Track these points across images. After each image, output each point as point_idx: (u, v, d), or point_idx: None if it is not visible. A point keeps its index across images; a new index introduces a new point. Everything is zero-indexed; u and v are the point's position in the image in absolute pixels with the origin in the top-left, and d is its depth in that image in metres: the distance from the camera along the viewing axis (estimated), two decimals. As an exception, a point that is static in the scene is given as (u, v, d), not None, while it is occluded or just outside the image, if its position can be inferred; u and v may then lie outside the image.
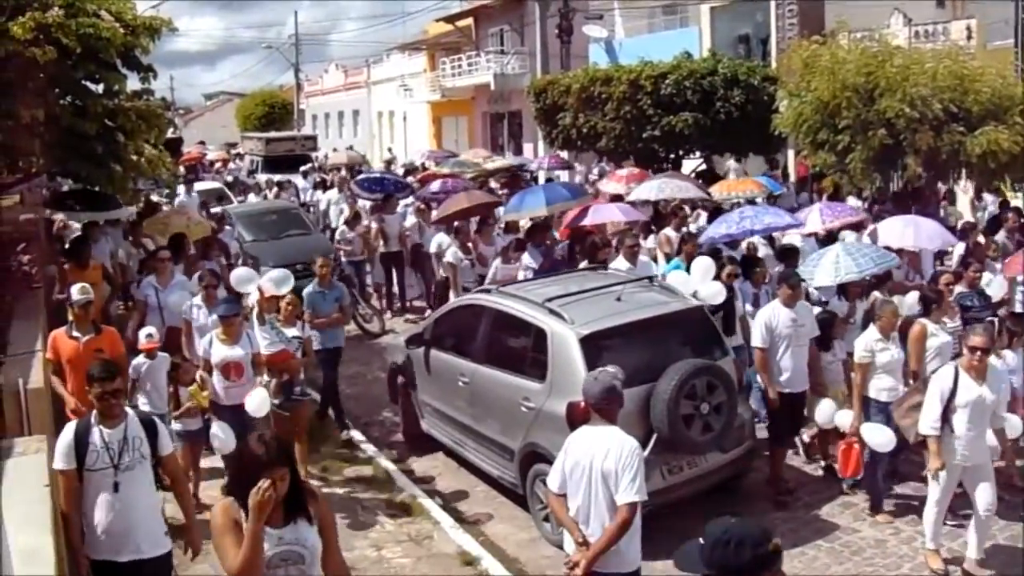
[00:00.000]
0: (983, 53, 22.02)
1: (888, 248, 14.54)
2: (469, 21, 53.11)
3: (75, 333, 11.03)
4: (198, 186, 33.89)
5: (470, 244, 18.74)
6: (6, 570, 5.82)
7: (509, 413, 11.17)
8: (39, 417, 10.16)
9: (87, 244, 16.57)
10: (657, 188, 20.36)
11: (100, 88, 14.59)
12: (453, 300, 15.00)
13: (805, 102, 19.95)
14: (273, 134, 53.91)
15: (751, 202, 19.66)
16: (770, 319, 11.57)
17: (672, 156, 27.84)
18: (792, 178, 28.53)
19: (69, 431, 7.67)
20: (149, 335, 11.79)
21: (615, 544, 6.92)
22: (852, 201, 20.89)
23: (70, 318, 11.35)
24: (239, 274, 13.24)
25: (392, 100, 62.83)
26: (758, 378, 12.01)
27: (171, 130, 21.56)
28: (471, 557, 10.45)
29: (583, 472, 7.03)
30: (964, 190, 23.25)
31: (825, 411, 11.61)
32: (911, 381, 11.02)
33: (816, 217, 16.20)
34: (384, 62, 67.20)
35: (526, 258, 16.86)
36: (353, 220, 22.15)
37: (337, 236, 22.60)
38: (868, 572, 9.97)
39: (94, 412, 7.66)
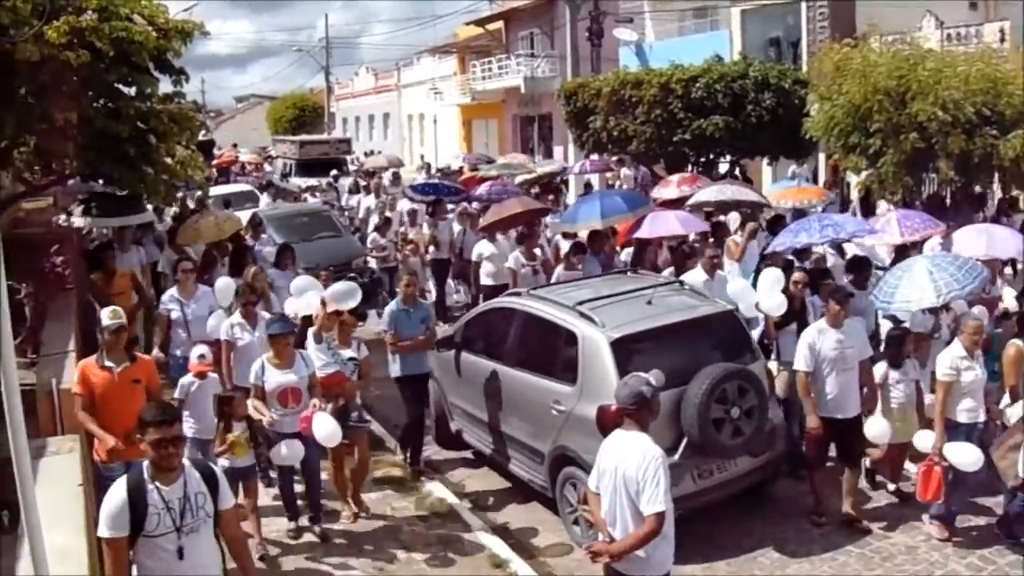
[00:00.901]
0: (1016, 55, 21.81)
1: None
2: (499, 24, 53.15)
3: (107, 362, 9.70)
4: (228, 188, 34.03)
5: (536, 251, 18.00)
6: (39, 569, 5.85)
7: (539, 416, 11.17)
8: (72, 417, 10.23)
9: (111, 250, 16.12)
10: (717, 191, 19.75)
11: (132, 91, 14.67)
12: (484, 303, 14.92)
13: (836, 105, 19.85)
14: (307, 137, 53.85)
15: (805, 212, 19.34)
16: (814, 340, 10.76)
17: (702, 159, 27.75)
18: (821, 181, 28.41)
19: (120, 491, 6.38)
20: (201, 356, 11.07)
21: (637, 549, 6.91)
22: (883, 205, 20.80)
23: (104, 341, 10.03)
24: (299, 284, 12.42)
25: (422, 103, 62.95)
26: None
27: (203, 132, 21.60)
28: (500, 560, 10.45)
29: (610, 476, 7.04)
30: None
31: (876, 428, 10.92)
32: (1008, 399, 10.57)
33: (894, 228, 15.35)
34: (414, 65, 67.39)
35: (586, 265, 16.27)
36: (384, 226, 22.13)
37: (369, 242, 22.47)
38: (897, 577, 9.93)
39: (145, 465, 6.49)
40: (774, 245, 15.08)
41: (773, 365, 12.29)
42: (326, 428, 10.34)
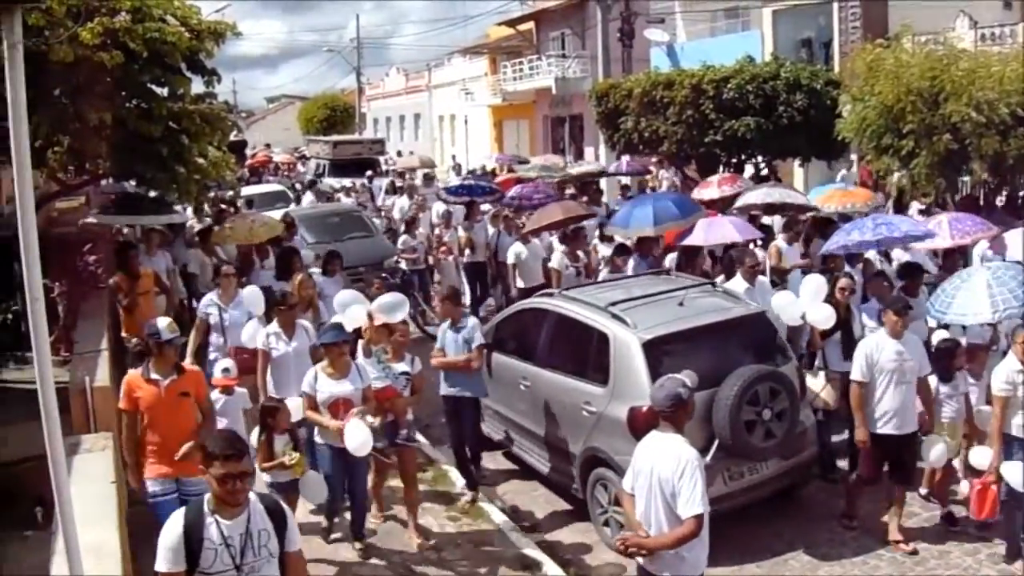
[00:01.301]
0: (1051, 56, 21.67)
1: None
2: (530, 25, 53.10)
3: (154, 375, 9.08)
4: (259, 188, 34.13)
5: (579, 252, 17.71)
6: (74, 566, 5.88)
7: (570, 417, 11.16)
8: (105, 414, 10.29)
9: (134, 249, 15.75)
10: (765, 193, 19.28)
11: (165, 91, 14.76)
12: (516, 304, 14.88)
13: (869, 106, 19.74)
14: (341, 137, 53.87)
15: (849, 216, 18.51)
16: (872, 351, 10.27)
17: (734, 160, 27.65)
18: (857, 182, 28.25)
19: (177, 524, 5.88)
20: (226, 370, 10.81)
21: (672, 548, 6.90)
22: (915, 206, 20.68)
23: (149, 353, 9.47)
24: (343, 298, 11.53)
25: (453, 104, 62.98)
26: None
27: (234, 133, 21.66)
28: (530, 561, 10.45)
29: (646, 478, 7.02)
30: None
31: (937, 451, 10.47)
32: None
33: (945, 230, 14.74)
34: (445, 66, 67.42)
35: (631, 270, 15.95)
36: (412, 226, 22.12)
37: (400, 244, 22.19)
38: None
39: (207, 498, 5.96)
40: (827, 246, 14.57)
41: (820, 375, 11.86)
42: (358, 437, 9.77)
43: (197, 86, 15.40)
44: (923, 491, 11.46)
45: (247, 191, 31.85)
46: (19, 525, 10.09)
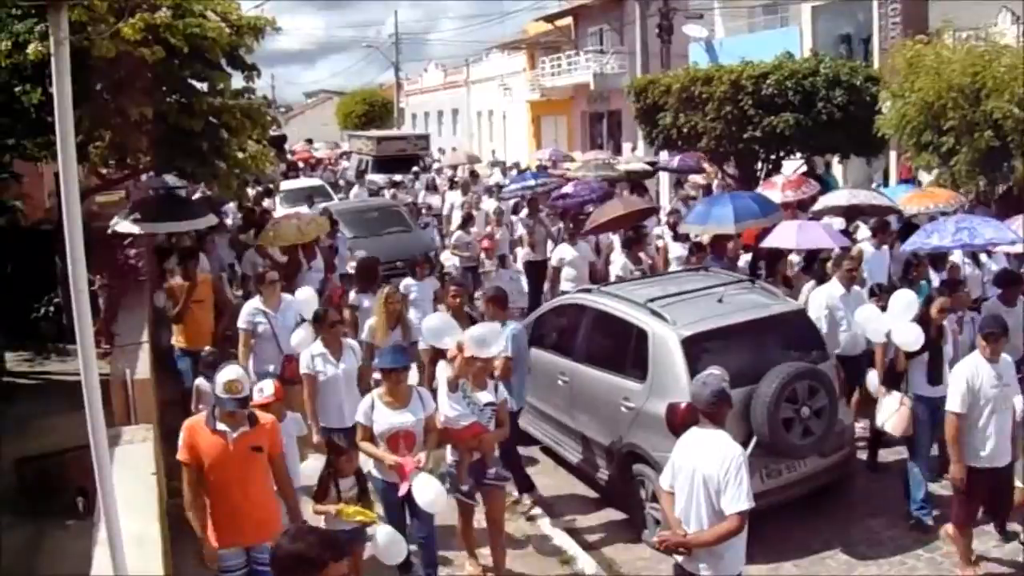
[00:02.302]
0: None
1: None
2: (568, 20, 53.02)
3: (220, 425, 7.84)
4: (297, 183, 34.16)
5: (642, 255, 16.94)
6: (116, 555, 5.94)
7: (609, 413, 11.16)
8: (145, 406, 10.38)
9: (194, 258, 14.61)
10: (850, 195, 18.56)
11: (205, 86, 14.87)
12: (553, 299, 14.88)
13: (909, 103, 19.60)
14: (384, 132, 53.61)
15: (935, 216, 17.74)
16: (972, 376, 9.24)
17: (773, 157, 27.54)
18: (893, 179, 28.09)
19: None
20: (260, 390, 9.20)
21: (714, 545, 6.91)
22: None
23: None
24: (433, 325, 10.28)
25: (491, 99, 62.98)
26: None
27: (273, 128, 21.77)
28: (567, 556, 10.46)
29: (687, 475, 7.02)
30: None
31: None
32: None
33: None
34: (483, 61, 67.38)
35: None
36: (467, 223, 21.85)
37: (453, 240, 21.92)
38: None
39: None
40: (905, 247, 14.42)
41: (894, 396, 10.87)
42: (428, 493, 8.80)
43: (237, 81, 15.53)
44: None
45: (291, 185, 31.95)
46: (61, 514, 10.21)
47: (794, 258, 16.33)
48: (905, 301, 10.98)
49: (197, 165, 15.27)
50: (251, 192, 25.51)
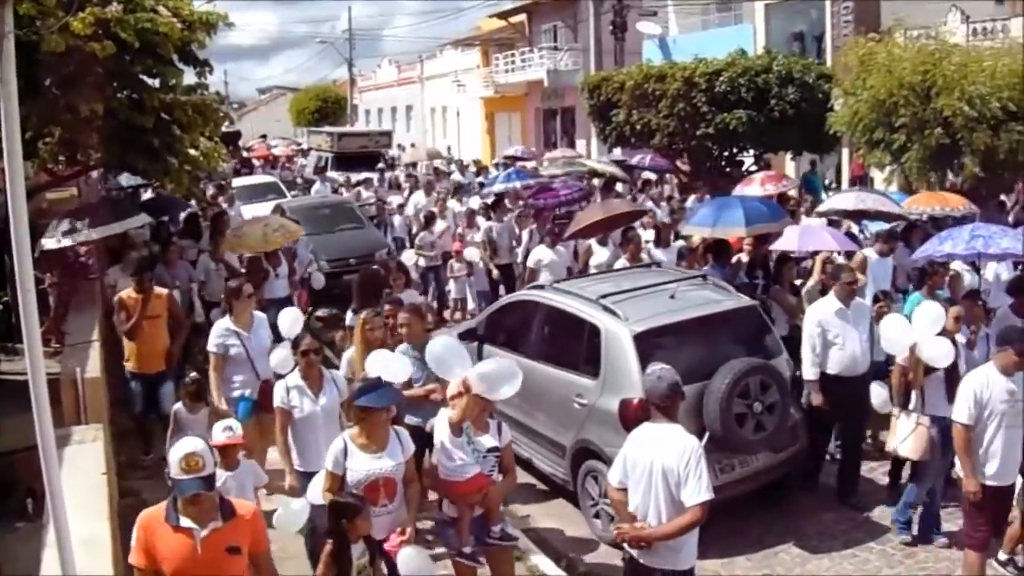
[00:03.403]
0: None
1: None
2: (522, 17, 53.11)
3: (185, 521, 6.09)
4: (249, 180, 33.84)
5: (644, 256, 15.88)
6: (65, 556, 5.88)
7: (561, 409, 11.17)
8: (96, 405, 10.28)
9: (151, 265, 14.10)
10: (857, 199, 17.30)
11: (157, 82, 14.76)
12: (505, 296, 14.85)
13: (861, 100, 19.80)
14: (345, 129, 53.10)
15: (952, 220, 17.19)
16: (981, 388, 8.77)
17: (726, 154, 27.70)
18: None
19: None
20: (228, 429, 8.46)
21: (676, 537, 6.95)
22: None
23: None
24: (438, 353, 8.25)
25: (445, 96, 63.00)
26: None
27: (226, 124, 21.54)
28: (521, 553, 10.42)
29: (644, 470, 7.02)
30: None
31: None
32: None
33: None
34: (437, 57, 67.34)
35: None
36: (430, 222, 21.28)
37: (417, 241, 21.36)
38: (919, 575, 9.88)
39: None
40: (918, 255, 13.78)
41: (911, 418, 10.23)
42: (414, 567, 7.64)
43: (189, 77, 15.41)
44: (1002, 556, 9.77)
45: (238, 183, 31.62)
46: (11, 516, 10.10)
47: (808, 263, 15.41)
48: (932, 314, 10.21)
49: (148, 162, 15.15)
50: (207, 190, 25.31)
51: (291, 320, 10.80)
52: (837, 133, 21.73)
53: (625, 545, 7.21)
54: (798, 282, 14.45)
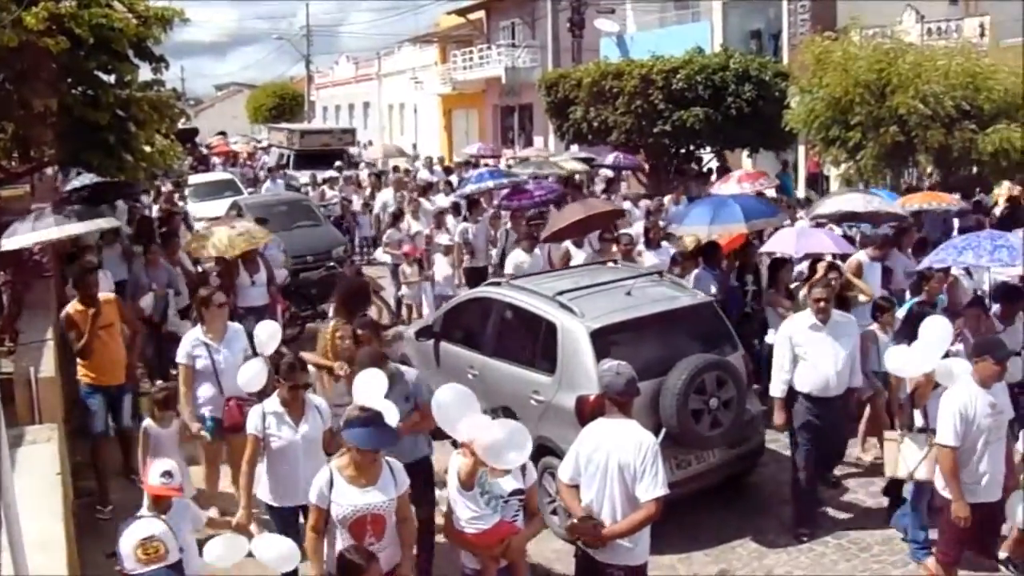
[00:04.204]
0: (996, 50, 21.99)
1: None
2: (480, 14, 53.04)
3: None
4: (206, 177, 33.58)
5: (638, 258, 15.50)
6: (18, 559, 5.83)
7: (518, 406, 11.14)
8: (50, 405, 10.20)
9: (92, 274, 12.19)
10: (864, 201, 15.93)
11: (112, 78, 14.68)
12: (464, 293, 14.82)
13: (817, 98, 19.95)
14: (307, 126, 52.63)
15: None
16: (965, 405, 8.27)
17: (683, 151, 27.82)
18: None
19: None
20: (166, 474, 7.36)
21: (632, 533, 6.98)
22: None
23: None
24: (444, 404, 7.29)
25: (403, 92, 62.82)
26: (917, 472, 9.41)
27: (182, 121, 21.37)
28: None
29: (598, 465, 7.04)
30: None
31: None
32: None
33: None
34: (395, 54, 67.15)
35: (696, 281, 13.79)
36: (398, 219, 20.65)
37: (385, 238, 20.75)
38: (875, 569, 9.93)
39: None
40: (931, 261, 12.65)
41: (919, 440, 9.48)
42: None
43: (144, 73, 15.36)
44: (1002, 555, 9.24)
45: (194, 180, 31.38)
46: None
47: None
48: (940, 331, 9.28)
49: (103, 159, 15.04)
50: (163, 187, 25.10)
51: (268, 334, 9.73)
52: (793, 130, 21.88)
53: (579, 542, 7.23)
54: (793, 286, 14.02)
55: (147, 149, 15.80)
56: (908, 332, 10.44)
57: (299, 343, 15.72)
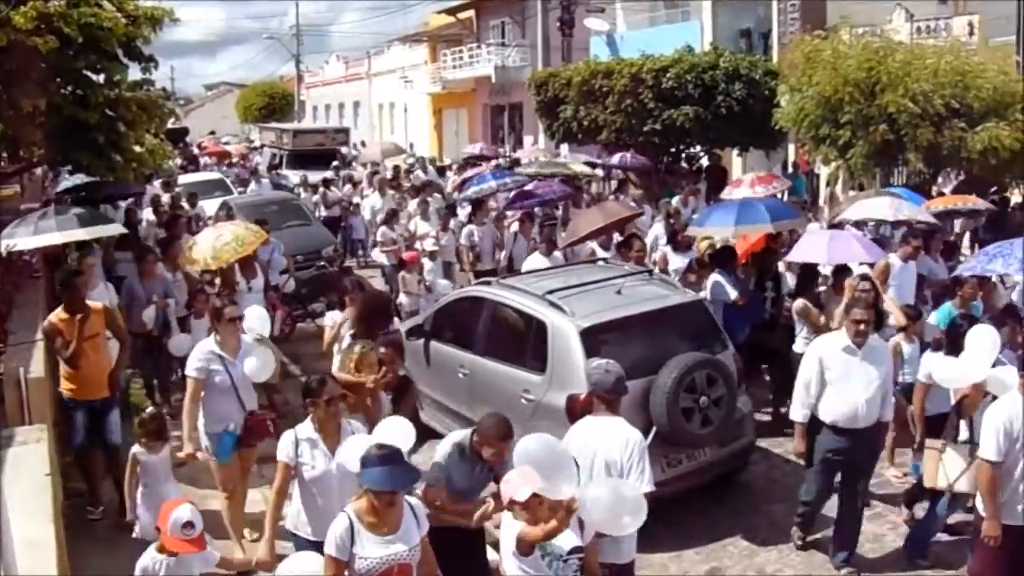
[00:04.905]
0: (985, 49, 22.03)
1: None
2: (470, 13, 53.05)
3: None
4: (195, 176, 33.33)
5: (658, 263, 15.07)
6: (7, 560, 5.83)
7: (509, 405, 11.15)
8: (39, 406, 10.16)
9: (77, 276, 11.70)
10: (893, 209, 15.28)
11: (101, 78, 14.66)
12: (454, 292, 14.81)
13: (806, 97, 19.97)
14: (301, 125, 52.38)
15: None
16: (1010, 420, 7.86)
17: (672, 150, 27.83)
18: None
19: None
20: (188, 525, 6.85)
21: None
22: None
23: None
24: (538, 457, 6.15)
25: (393, 92, 62.80)
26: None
27: (172, 120, 21.30)
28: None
29: (586, 462, 7.04)
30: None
31: None
32: None
33: None
34: (385, 53, 67.14)
35: (712, 283, 13.64)
36: (391, 218, 20.38)
37: (378, 236, 20.63)
38: (866, 566, 9.93)
39: None
40: (963, 271, 12.38)
41: (962, 451, 9.03)
42: None
43: (134, 73, 15.33)
44: None
45: (183, 180, 31.19)
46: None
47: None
48: (988, 340, 8.91)
49: (92, 159, 15.02)
50: (161, 192, 24.79)
51: (257, 316, 9.94)
52: (783, 129, 21.89)
53: None
54: (820, 290, 13.28)
55: (137, 149, 15.76)
56: (950, 343, 9.88)
57: (292, 343, 15.76)
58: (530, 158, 30.61)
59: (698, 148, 28.03)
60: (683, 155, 28.48)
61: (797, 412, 9.72)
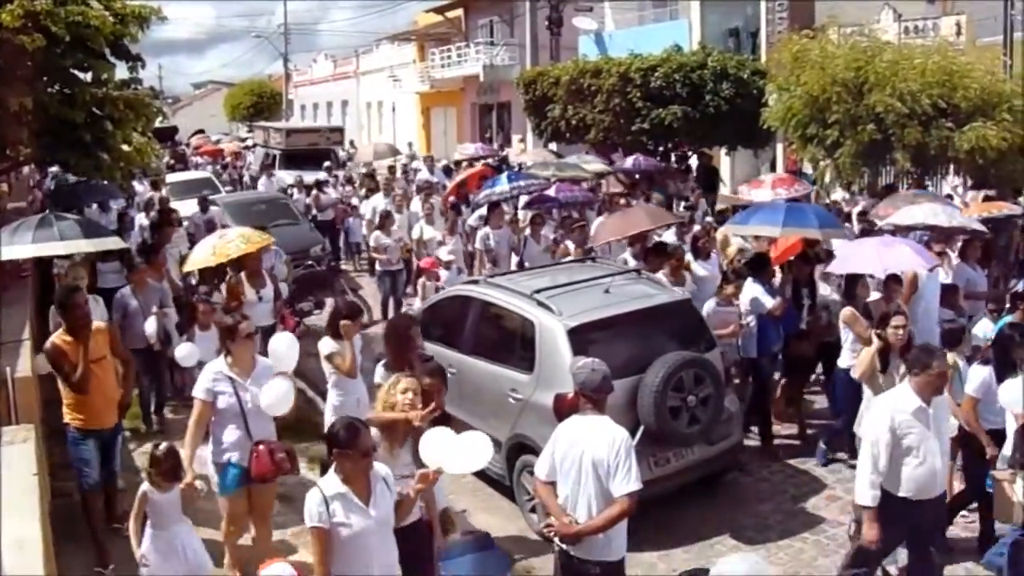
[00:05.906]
0: (972, 49, 22.01)
1: None
2: (459, 12, 53.01)
3: None
4: (184, 176, 33.22)
5: (685, 273, 14.23)
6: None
7: (496, 404, 11.18)
8: (27, 405, 10.13)
9: (77, 292, 10.19)
10: (932, 212, 14.17)
11: (88, 76, 14.63)
12: (441, 291, 14.82)
13: (794, 96, 19.96)
14: (294, 124, 51.99)
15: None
16: None
17: (661, 149, 27.84)
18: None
19: None
20: None
21: (607, 529, 6.99)
22: (839, 194, 20.94)
23: None
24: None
25: (381, 90, 62.72)
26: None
27: (160, 119, 21.21)
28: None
29: (573, 461, 7.06)
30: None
31: None
32: None
33: None
34: (373, 52, 67.05)
35: (750, 298, 12.96)
36: (386, 221, 19.63)
37: (372, 241, 20.07)
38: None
39: None
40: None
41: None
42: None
43: (121, 71, 15.31)
44: None
45: (171, 179, 31.04)
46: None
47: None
48: None
49: (80, 158, 15.00)
50: (149, 192, 24.69)
51: (286, 346, 9.07)
52: (771, 128, 21.89)
53: (556, 539, 7.24)
54: (870, 299, 12.10)
55: (124, 148, 15.73)
56: (999, 356, 9.40)
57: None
58: (535, 160, 28.80)
59: (687, 148, 28.01)
60: (672, 155, 28.45)
61: (866, 495, 8.09)
